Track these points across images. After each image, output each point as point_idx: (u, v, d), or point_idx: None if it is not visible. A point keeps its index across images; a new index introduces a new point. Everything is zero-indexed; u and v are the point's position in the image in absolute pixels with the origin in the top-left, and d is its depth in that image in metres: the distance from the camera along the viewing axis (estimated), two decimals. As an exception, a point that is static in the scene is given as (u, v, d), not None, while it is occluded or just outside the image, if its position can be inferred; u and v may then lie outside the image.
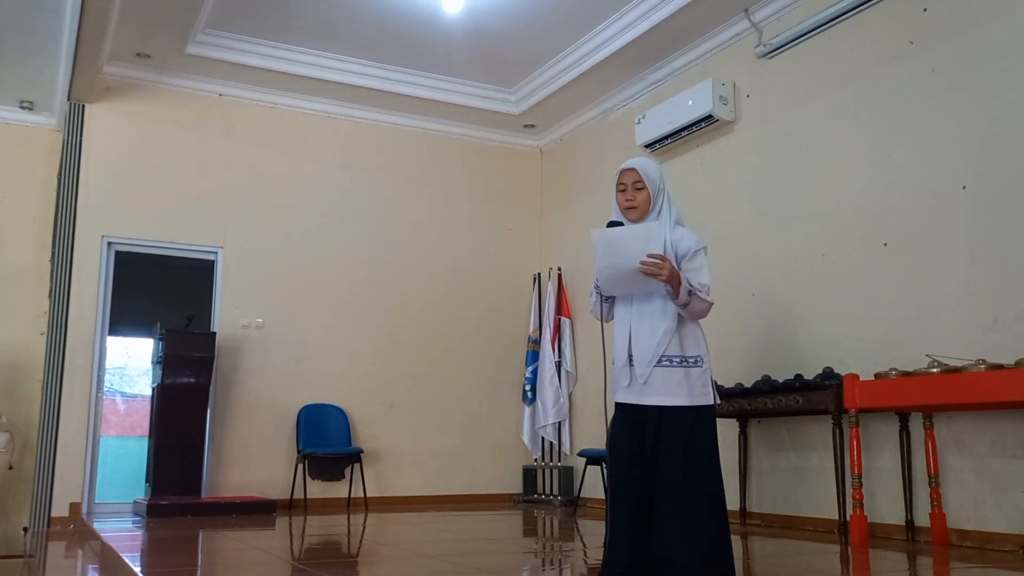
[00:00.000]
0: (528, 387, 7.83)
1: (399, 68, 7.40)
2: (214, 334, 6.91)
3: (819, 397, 4.90)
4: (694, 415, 3.02)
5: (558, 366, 7.69)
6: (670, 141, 6.57)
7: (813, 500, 5.25)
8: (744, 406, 5.40)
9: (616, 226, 3.12)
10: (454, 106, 7.81)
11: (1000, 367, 3.97)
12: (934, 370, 4.19)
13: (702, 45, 6.45)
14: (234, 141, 7.38)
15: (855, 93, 5.29)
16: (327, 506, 7.09)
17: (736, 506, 5.60)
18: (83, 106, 6.90)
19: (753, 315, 5.82)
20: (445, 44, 6.94)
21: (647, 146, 6.71)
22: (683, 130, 6.40)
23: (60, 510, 6.44)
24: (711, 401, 3.06)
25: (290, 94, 7.52)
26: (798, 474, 5.41)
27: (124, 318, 7.47)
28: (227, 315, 7.14)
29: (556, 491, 7.57)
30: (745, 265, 5.92)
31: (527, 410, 7.84)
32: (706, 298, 3.04)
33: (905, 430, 4.68)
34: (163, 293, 8.30)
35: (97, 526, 5.63)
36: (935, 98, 4.80)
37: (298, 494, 6.98)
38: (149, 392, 7.36)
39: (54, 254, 6.87)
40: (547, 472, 7.72)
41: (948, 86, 4.74)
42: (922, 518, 4.55)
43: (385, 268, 7.76)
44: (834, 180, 5.37)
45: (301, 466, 7.04)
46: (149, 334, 7.23)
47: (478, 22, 6.58)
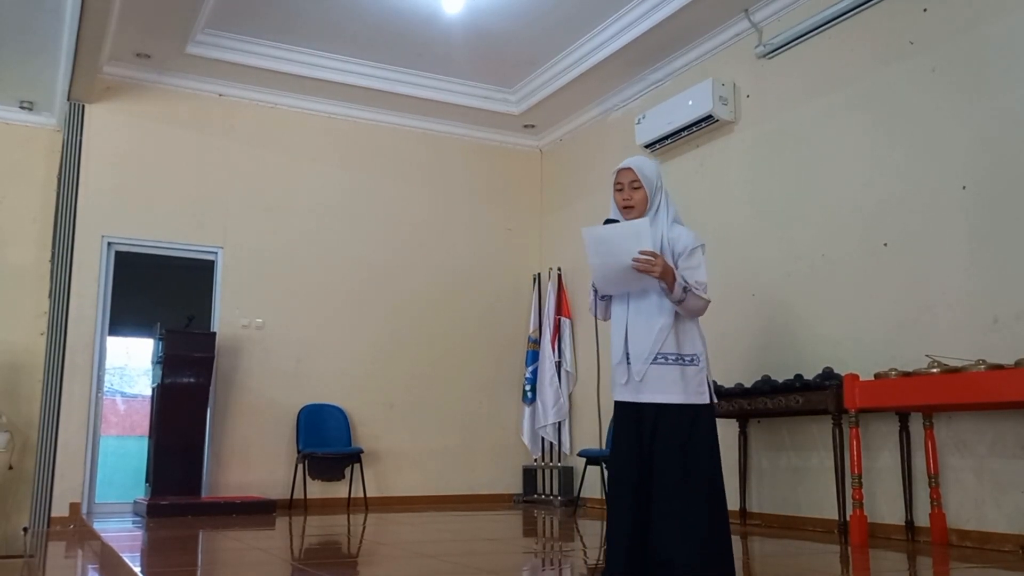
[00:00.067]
0: (528, 387, 7.83)
1: (399, 68, 7.40)
2: (214, 334, 6.92)
3: (819, 397, 4.90)
4: (692, 414, 3.01)
5: (558, 366, 7.69)
6: (670, 141, 6.57)
7: (813, 500, 5.25)
8: (744, 406, 5.40)
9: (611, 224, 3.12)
10: (454, 106, 7.81)
11: (1000, 367, 3.97)
12: (934, 370, 4.19)
13: (702, 45, 6.45)
14: (234, 141, 7.38)
15: (855, 93, 5.29)
16: (327, 506, 7.08)
17: (736, 506, 5.60)
18: (83, 106, 6.90)
19: (753, 315, 5.82)
20: (445, 44, 6.94)
21: (647, 146, 6.71)
22: (683, 130, 6.40)
23: (60, 510, 6.44)
24: (707, 400, 3.05)
25: (290, 94, 7.52)
26: (798, 474, 5.41)
27: (124, 318, 7.48)
28: (227, 315, 7.14)
29: (556, 491, 7.57)
30: (745, 265, 5.92)
31: (527, 410, 7.84)
32: (703, 296, 3.03)
33: (905, 430, 4.68)
34: (163, 293, 8.30)
35: (97, 526, 5.63)
36: (935, 98, 4.80)
37: (298, 494, 6.98)
38: (149, 392, 7.36)
39: (54, 254, 6.87)
40: (547, 472, 7.72)
41: (948, 86, 4.74)
42: (922, 518, 4.55)
43: (385, 268, 7.76)
44: (834, 180, 5.37)
45: (301, 466, 7.05)
46: (149, 334, 7.23)
47: (478, 22, 6.58)
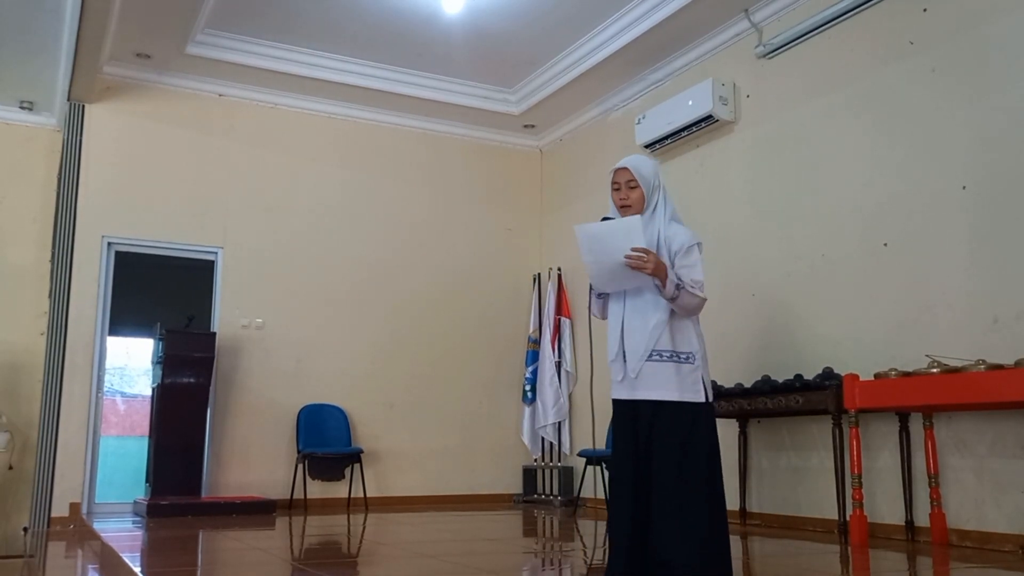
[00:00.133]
0: (528, 387, 7.83)
1: (399, 68, 7.40)
2: (214, 334, 6.92)
3: (819, 397, 4.90)
4: (692, 414, 2.99)
5: (558, 366, 7.69)
6: (670, 141, 6.57)
7: (813, 500, 5.25)
8: (744, 406, 5.40)
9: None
10: (454, 106, 7.81)
11: (1000, 367, 3.97)
12: (934, 370, 4.19)
13: (702, 45, 6.45)
14: (234, 141, 7.38)
15: (855, 93, 5.29)
16: (327, 506, 7.08)
17: (736, 506, 5.60)
18: (83, 106, 6.90)
19: (753, 315, 5.82)
20: (445, 44, 6.94)
21: (647, 146, 6.71)
22: (683, 130, 6.40)
23: (60, 510, 6.44)
24: (703, 398, 3.02)
25: (290, 94, 7.52)
26: (798, 474, 5.41)
27: (124, 318, 7.48)
28: (227, 315, 7.14)
29: (556, 491, 7.57)
30: (745, 265, 5.92)
31: (527, 410, 7.84)
32: (698, 294, 3.01)
33: (905, 430, 4.68)
34: (163, 293, 8.30)
35: (97, 526, 5.63)
36: (935, 98, 4.80)
37: (298, 494, 6.98)
38: (149, 392, 7.36)
39: (54, 254, 6.87)
40: (547, 472, 7.72)
41: (948, 86, 4.74)
42: (922, 518, 4.55)
43: (385, 268, 7.76)
44: (834, 180, 5.37)
45: (301, 466, 7.04)
46: (149, 334, 7.23)
47: (478, 22, 6.58)
